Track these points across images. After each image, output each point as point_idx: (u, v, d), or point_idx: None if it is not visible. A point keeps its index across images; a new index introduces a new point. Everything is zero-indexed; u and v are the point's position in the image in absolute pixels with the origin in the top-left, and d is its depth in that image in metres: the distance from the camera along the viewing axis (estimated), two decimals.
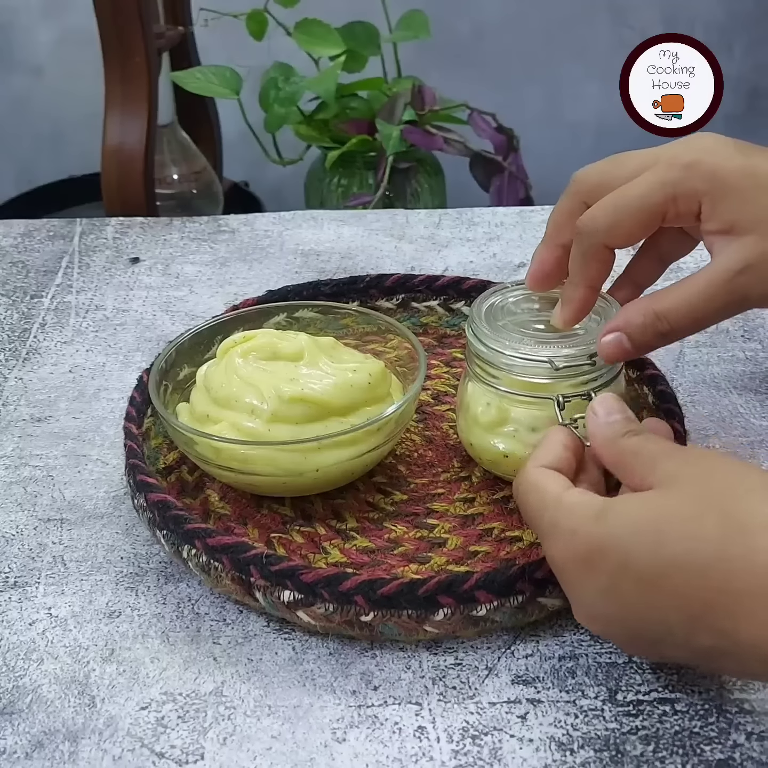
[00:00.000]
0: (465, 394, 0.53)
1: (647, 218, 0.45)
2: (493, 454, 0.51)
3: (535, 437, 0.49)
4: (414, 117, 1.17)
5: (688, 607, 0.37)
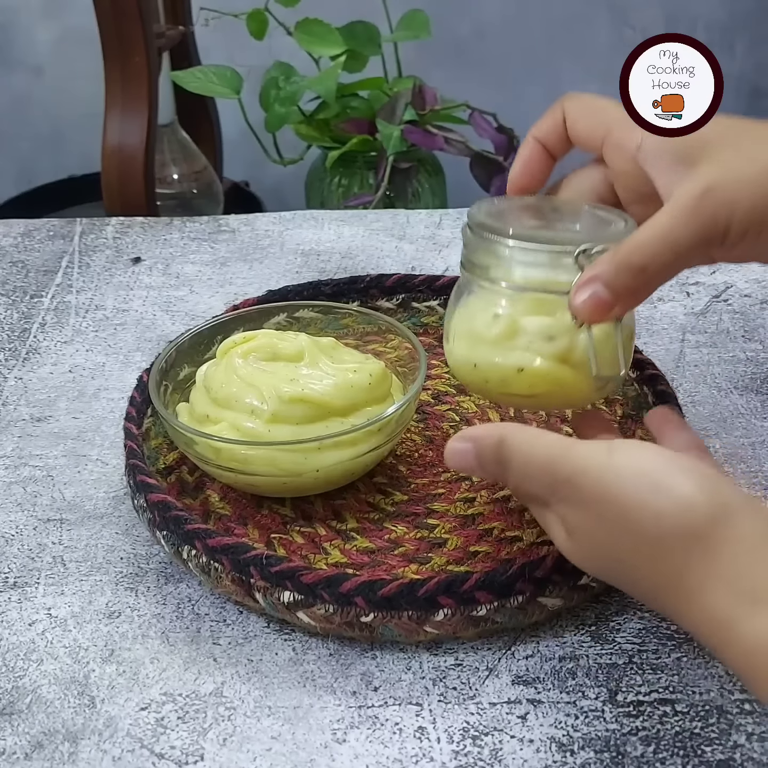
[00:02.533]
0: (461, 313, 0.47)
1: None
2: (503, 370, 0.45)
3: (553, 346, 0.44)
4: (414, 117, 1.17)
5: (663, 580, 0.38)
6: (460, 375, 0.48)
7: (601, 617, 0.47)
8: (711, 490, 0.36)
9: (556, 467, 0.39)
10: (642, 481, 0.37)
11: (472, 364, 0.46)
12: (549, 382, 0.45)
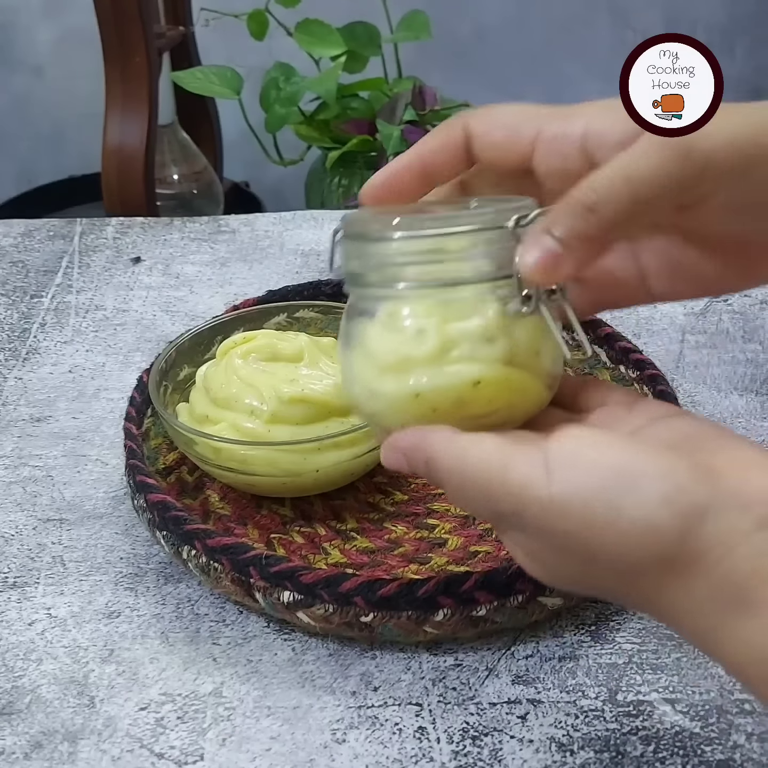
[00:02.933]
0: (369, 343, 0.37)
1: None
2: (456, 390, 0.36)
3: (496, 349, 0.36)
4: (414, 117, 1.17)
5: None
6: (395, 415, 0.37)
7: (601, 617, 0.47)
8: (674, 495, 0.31)
9: (497, 499, 0.33)
10: (593, 510, 0.32)
11: (412, 395, 0.36)
12: (509, 391, 0.36)
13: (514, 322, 0.36)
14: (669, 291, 0.39)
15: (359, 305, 0.38)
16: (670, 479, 0.31)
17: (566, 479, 0.32)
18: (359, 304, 0.38)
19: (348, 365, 0.39)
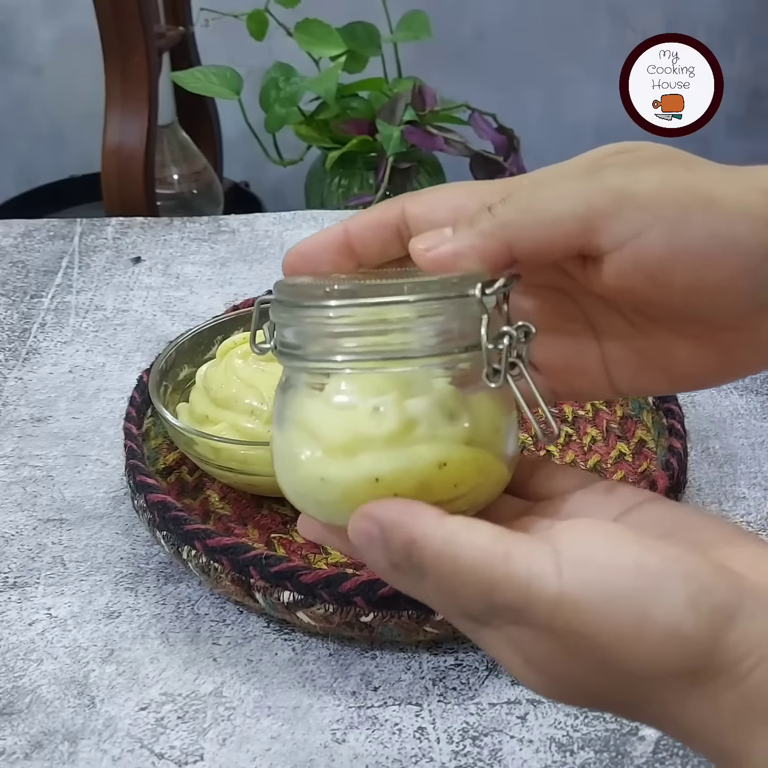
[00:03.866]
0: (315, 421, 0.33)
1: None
2: (421, 473, 0.32)
3: (458, 427, 0.33)
4: (414, 117, 1.17)
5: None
6: (349, 503, 0.32)
7: None
8: (700, 596, 0.28)
9: (498, 593, 0.29)
10: (617, 612, 0.28)
11: (371, 480, 0.32)
12: (476, 472, 0.33)
13: (474, 399, 0.33)
14: (634, 384, 0.36)
15: (295, 379, 0.34)
16: (694, 579, 0.28)
17: (581, 576, 0.29)
18: (295, 377, 0.34)
19: (284, 447, 0.34)
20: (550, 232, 0.31)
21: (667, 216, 0.30)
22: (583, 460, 0.55)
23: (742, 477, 0.55)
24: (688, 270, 0.31)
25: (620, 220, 0.30)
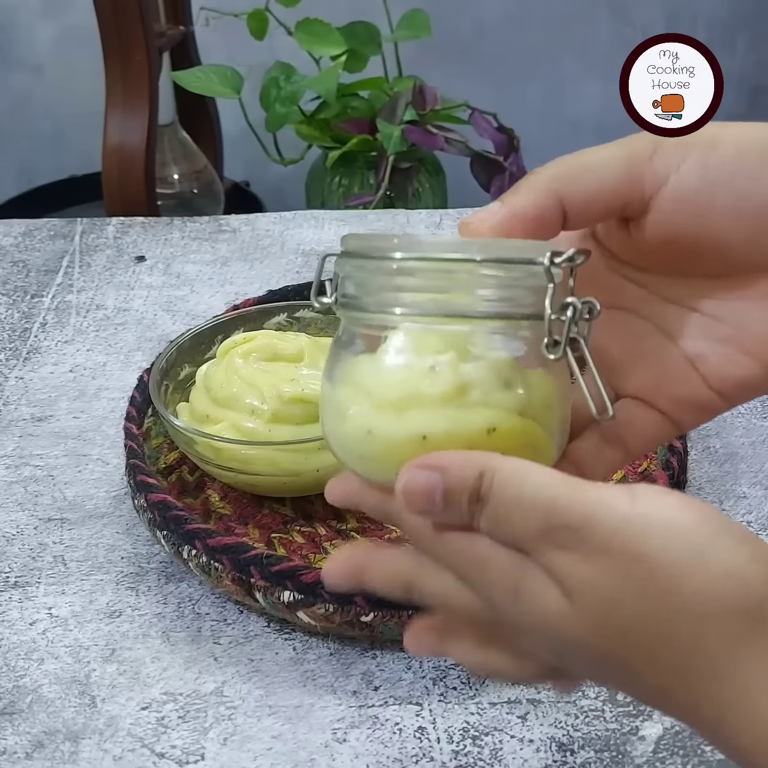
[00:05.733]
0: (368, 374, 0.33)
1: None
2: (469, 436, 0.32)
3: (513, 396, 0.33)
4: (415, 117, 1.17)
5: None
6: (393, 459, 0.32)
7: None
8: (759, 553, 0.28)
9: (558, 510, 0.29)
10: (680, 543, 0.28)
11: (419, 437, 0.32)
12: (522, 445, 0.33)
13: (531, 372, 0.33)
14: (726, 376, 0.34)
15: (353, 332, 0.34)
16: (751, 540, 0.29)
17: (653, 508, 0.29)
18: (353, 330, 0.34)
19: (333, 400, 0.34)
20: (597, 177, 0.32)
21: (698, 144, 0.32)
22: None
23: (742, 476, 0.55)
24: (727, 195, 0.31)
25: (659, 157, 0.32)
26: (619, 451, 0.36)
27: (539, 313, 0.32)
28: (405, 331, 0.33)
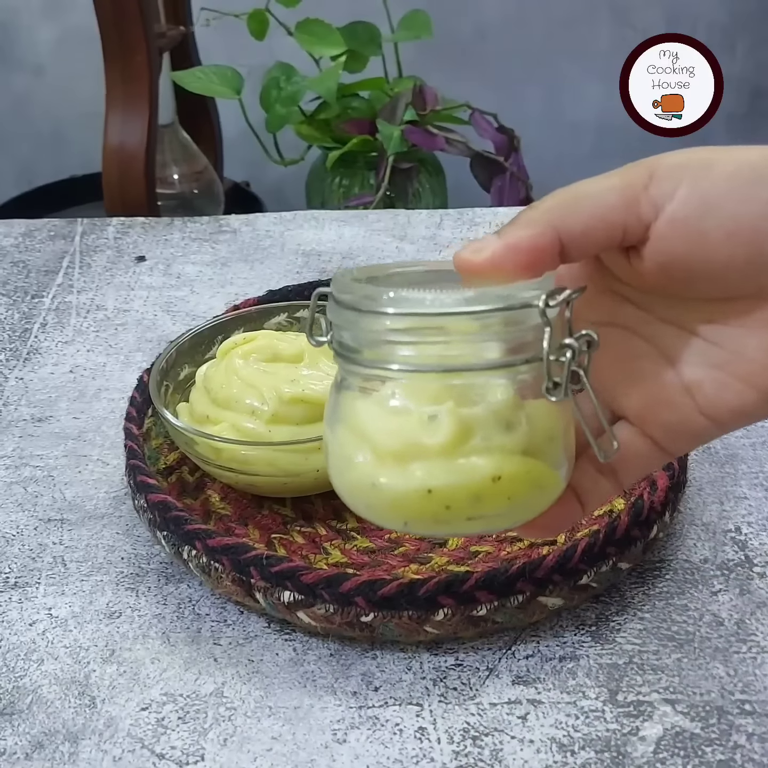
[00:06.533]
0: (368, 426, 0.33)
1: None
2: (475, 486, 0.33)
3: (515, 437, 0.33)
4: (415, 117, 1.17)
5: None
6: (399, 511, 0.33)
7: (602, 617, 0.47)
8: None
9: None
10: None
11: (424, 491, 0.32)
12: (529, 486, 0.33)
13: (532, 407, 0.33)
14: (720, 402, 0.34)
15: (351, 380, 0.34)
16: None
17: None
18: (351, 378, 0.34)
19: (336, 447, 0.34)
20: (594, 209, 0.32)
21: (691, 168, 0.32)
22: None
23: (743, 477, 0.55)
24: (719, 219, 0.31)
25: (654, 185, 0.32)
26: (611, 481, 0.36)
27: (539, 355, 0.32)
28: (400, 381, 0.33)
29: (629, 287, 0.35)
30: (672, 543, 0.51)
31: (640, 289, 0.34)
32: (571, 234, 0.32)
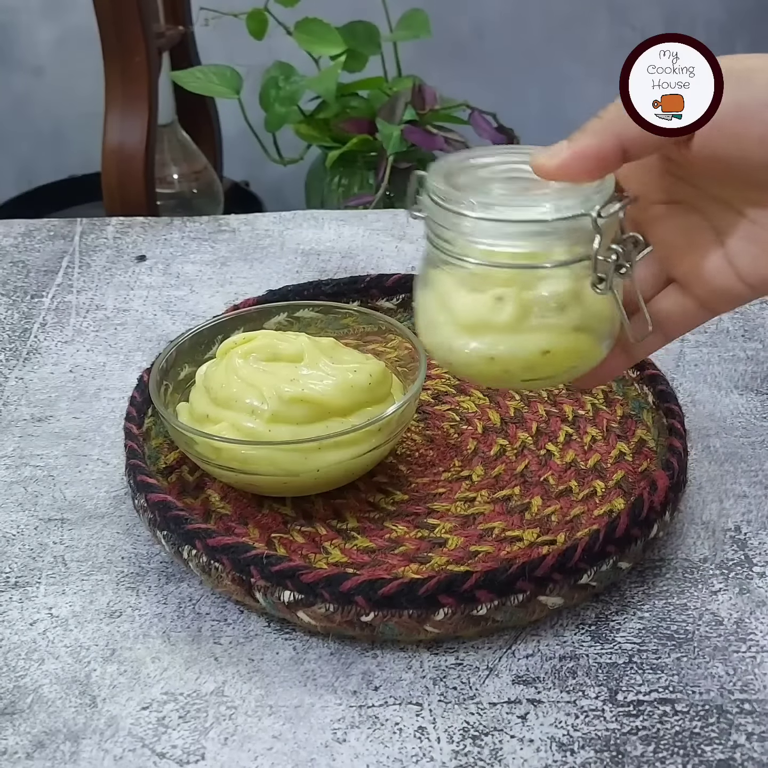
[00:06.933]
0: (446, 301, 0.42)
1: None
2: (527, 357, 0.41)
3: (567, 317, 0.40)
4: (414, 116, 1.17)
5: None
6: (471, 372, 0.43)
7: (601, 617, 0.47)
8: None
9: None
10: None
11: (488, 357, 0.41)
12: (574, 357, 0.42)
13: (582, 294, 0.40)
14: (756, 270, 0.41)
15: (441, 257, 0.41)
16: None
17: None
18: (441, 255, 0.41)
19: (426, 309, 0.43)
20: None
21: (733, 76, 0.37)
22: (583, 459, 0.55)
23: (742, 475, 0.56)
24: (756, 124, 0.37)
25: None
26: (659, 335, 0.44)
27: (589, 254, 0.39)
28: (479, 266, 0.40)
29: (686, 170, 0.41)
30: (672, 542, 0.51)
31: (693, 173, 0.40)
32: (631, 139, 0.38)
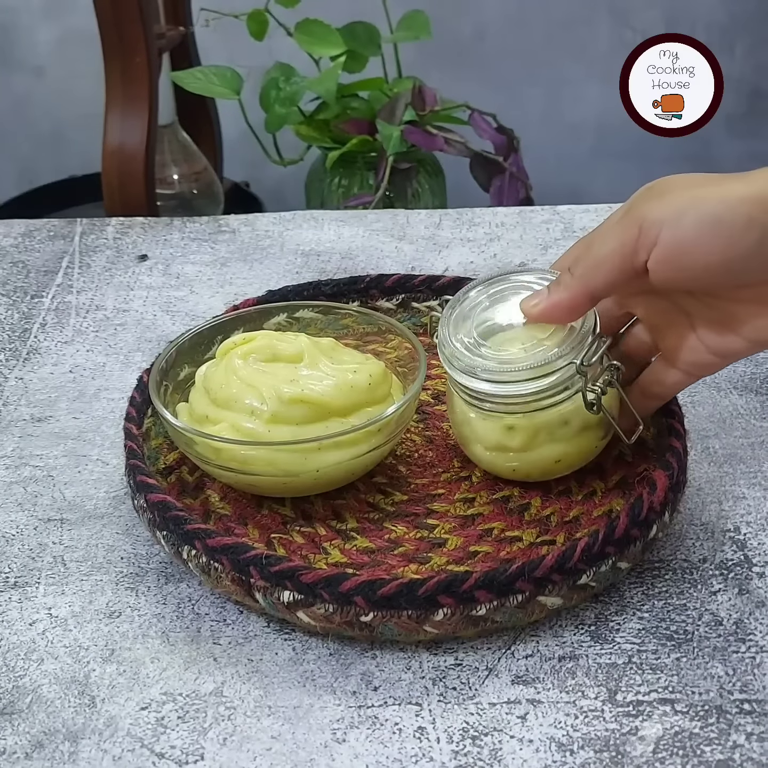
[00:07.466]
0: (472, 417, 0.52)
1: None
2: (543, 466, 0.52)
3: (571, 428, 0.50)
4: (414, 117, 1.17)
5: None
6: (498, 473, 0.53)
7: (601, 617, 0.47)
8: None
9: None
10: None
11: (510, 468, 0.52)
12: (583, 457, 0.52)
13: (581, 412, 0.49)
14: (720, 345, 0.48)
15: (456, 389, 0.51)
16: None
17: None
18: (456, 389, 0.52)
19: (454, 420, 0.53)
20: (607, 270, 0.47)
21: (667, 220, 0.44)
22: None
23: (741, 476, 0.56)
24: (694, 255, 0.44)
25: (642, 236, 0.45)
26: (655, 399, 0.53)
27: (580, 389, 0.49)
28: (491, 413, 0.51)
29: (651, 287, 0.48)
30: (671, 543, 0.51)
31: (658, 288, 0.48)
32: (597, 287, 0.47)
